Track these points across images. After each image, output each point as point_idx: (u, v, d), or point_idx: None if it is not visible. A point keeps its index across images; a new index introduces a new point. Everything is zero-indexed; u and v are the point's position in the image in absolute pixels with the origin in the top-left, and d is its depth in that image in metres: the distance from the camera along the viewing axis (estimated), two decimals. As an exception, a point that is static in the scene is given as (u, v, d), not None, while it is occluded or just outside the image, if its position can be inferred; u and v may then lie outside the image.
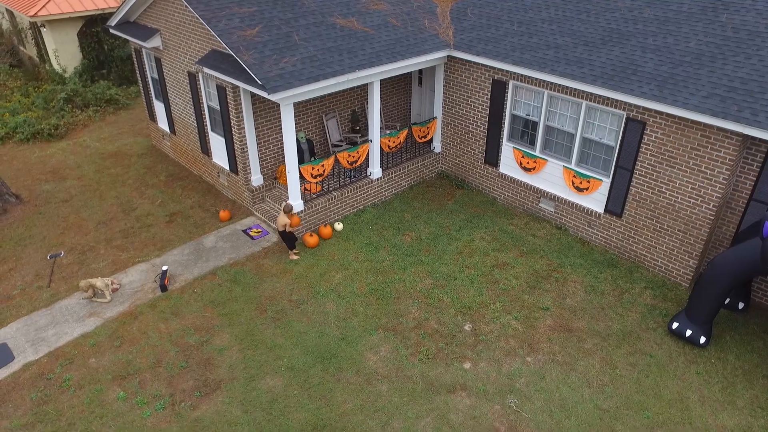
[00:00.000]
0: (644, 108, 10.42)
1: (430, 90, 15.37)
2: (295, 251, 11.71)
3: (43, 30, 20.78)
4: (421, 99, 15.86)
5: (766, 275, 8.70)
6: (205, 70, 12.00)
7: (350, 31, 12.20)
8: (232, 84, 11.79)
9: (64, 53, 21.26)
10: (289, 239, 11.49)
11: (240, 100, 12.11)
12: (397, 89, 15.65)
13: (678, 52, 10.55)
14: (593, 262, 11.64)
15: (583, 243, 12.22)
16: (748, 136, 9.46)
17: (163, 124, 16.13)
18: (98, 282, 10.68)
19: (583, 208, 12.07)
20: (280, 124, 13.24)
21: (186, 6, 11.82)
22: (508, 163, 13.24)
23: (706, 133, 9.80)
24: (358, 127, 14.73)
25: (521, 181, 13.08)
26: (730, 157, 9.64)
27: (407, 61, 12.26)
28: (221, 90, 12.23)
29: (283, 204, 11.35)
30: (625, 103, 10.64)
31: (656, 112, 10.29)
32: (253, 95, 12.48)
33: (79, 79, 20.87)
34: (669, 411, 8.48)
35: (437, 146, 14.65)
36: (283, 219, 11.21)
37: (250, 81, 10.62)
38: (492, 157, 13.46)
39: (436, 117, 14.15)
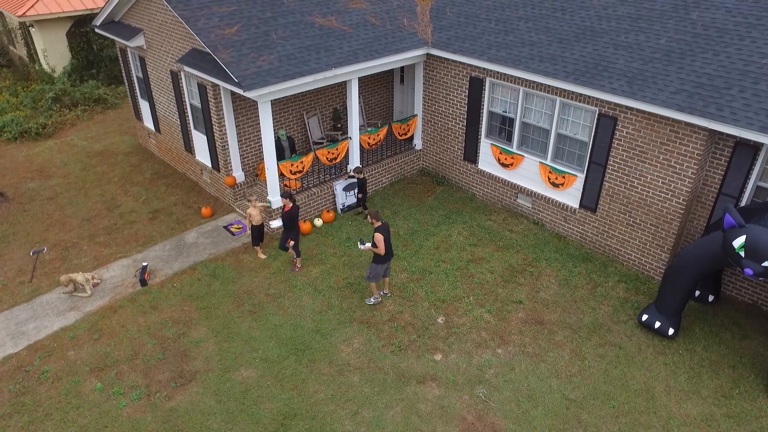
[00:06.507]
0: (615, 104, 10.59)
1: (411, 88, 15.54)
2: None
3: (32, 30, 20.94)
4: (404, 97, 16.03)
5: (731, 267, 8.87)
6: (186, 68, 12.17)
7: (328, 30, 12.37)
8: (211, 82, 11.96)
9: (53, 53, 21.41)
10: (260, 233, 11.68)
11: (220, 98, 12.27)
12: (379, 87, 15.82)
13: (649, 49, 10.72)
14: (568, 256, 11.80)
15: (560, 238, 12.38)
16: (714, 130, 9.63)
17: (148, 122, 16.29)
18: (79, 277, 10.84)
19: (559, 203, 12.23)
20: (262, 122, 13.38)
21: (167, 6, 11.97)
22: (487, 159, 13.41)
23: (675, 128, 9.97)
24: (340, 125, 14.89)
25: (499, 177, 13.25)
26: (698, 151, 9.81)
27: (384, 59, 12.42)
28: (202, 88, 12.39)
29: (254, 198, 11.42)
30: (597, 99, 10.82)
31: (627, 107, 10.46)
32: (233, 93, 12.65)
33: (68, 79, 21.01)
34: (635, 400, 8.64)
35: (418, 143, 14.81)
36: (254, 211, 11.36)
37: (227, 79, 10.78)
38: (471, 154, 13.63)
39: (416, 114, 14.31)
